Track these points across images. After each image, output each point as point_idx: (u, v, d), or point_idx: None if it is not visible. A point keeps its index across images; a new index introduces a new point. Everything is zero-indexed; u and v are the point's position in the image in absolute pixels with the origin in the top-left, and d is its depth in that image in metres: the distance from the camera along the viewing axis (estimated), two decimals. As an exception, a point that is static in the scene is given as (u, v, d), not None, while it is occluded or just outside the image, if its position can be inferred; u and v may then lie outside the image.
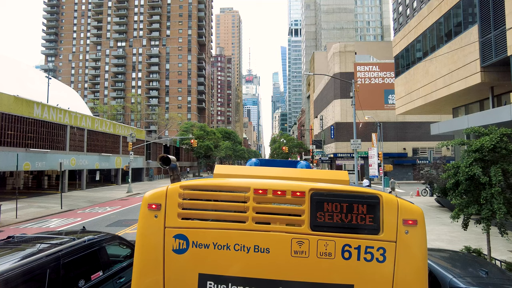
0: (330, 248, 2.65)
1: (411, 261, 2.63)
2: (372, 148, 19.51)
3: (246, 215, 2.75)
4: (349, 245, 2.65)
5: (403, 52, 22.70)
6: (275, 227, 2.74)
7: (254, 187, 2.78)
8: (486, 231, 7.66)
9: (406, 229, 2.67)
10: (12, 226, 15.45)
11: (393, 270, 2.61)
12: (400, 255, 2.64)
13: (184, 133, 63.99)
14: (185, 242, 2.74)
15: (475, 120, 14.84)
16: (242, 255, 2.68)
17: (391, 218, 2.68)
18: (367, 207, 2.68)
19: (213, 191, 2.89)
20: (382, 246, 2.64)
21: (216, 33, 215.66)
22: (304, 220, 2.71)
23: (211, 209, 2.84)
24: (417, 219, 2.69)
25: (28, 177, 36.66)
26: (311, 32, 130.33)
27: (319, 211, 2.70)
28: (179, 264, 2.72)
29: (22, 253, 4.24)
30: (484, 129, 8.02)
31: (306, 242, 2.68)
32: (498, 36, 13.33)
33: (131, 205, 23.02)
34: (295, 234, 2.69)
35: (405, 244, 2.65)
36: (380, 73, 47.68)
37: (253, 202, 2.76)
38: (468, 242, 11.40)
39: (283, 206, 2.83)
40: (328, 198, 2.72)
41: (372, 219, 2.68)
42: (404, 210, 2.70)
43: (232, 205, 2.80)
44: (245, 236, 2.71)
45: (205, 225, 2.77)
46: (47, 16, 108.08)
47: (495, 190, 6.92)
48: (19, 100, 24.32)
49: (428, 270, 4.81)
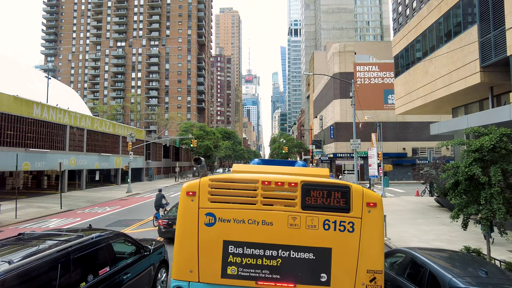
0: (315, 222, 3.81)
1: (372, 232, 3.76)
2: (371, 148, 19.50)
3: (256, 199, 3.92)
4: (328, 220, 3.80)
5: (403, 52, 22.70)
6: (277, 208, 3.92)
7: (261, 180, 3.95)
8: (485, 231, 7.67)
9: (368, 209, 3.79)
10: (11, 226, 15.43)
11: (359, 238, 3.75)
12: (364, 227, 3.76)
13: (183, 133, 63.95)
14: (213, 218, 3.90)
15: (475, 120, 14.84)
16: (253, 227, 3.84)
17: (358, 201, 3.80)
18: (341, 194, 3.81)
19: (233, 182, 4.01)
20: (351, 221, 3.78)
21: (216, 33, 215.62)
22: (297, 203, 3.87)
23: (231, 195, 3.96)
24: (376, 202, 3.82)
25: (27, 177, 36.63)
26: (310, 32, 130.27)
27: (307, 196, 3.86)
28: (209, 234, 3.89)
29: (33, 248, 4.38)
30: (483, 129, 8.02)
31: (298, 218, 3.84)
32: (498, 36, 13.33)
33: (130, 205, 23.00)
34: (290, 212, 3.86)
35: (368, 220, 3.77)
36: (380, 73, 47.68)
37: (261, 190, 3.93)
38: (467, 242, 11.40)
39: (282, 193, 3.95)
40: (314, 187, 3.87)
41: (344, 202, 3.80)
42: (367, 196, 3.83)
43: (246, 192, 3.95)
44: (255, 214, 3.87)
45: (228, 206, 3.93)
46: (47, 16, 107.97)
47: (495, 190, 6.92)
48: (19, 100, 24.29)
49: (427, 270, 4.82)
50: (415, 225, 15.35)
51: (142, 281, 6.23)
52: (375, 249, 3.73)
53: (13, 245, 4.62)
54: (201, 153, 61.68)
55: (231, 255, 3.81)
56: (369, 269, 3.70)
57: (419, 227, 14.87)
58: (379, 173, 25.46)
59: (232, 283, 3.79)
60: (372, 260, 3.71)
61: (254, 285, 3.79)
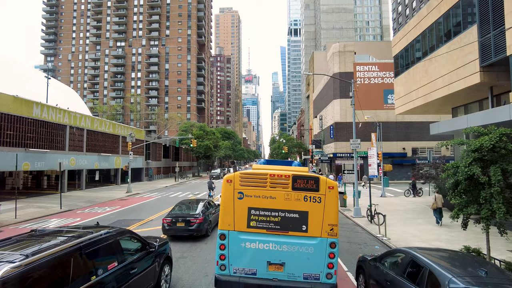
0: (299, 197, 6.16)
1: (331, 203, 6.11)
2: (371, 148, 19.47)
3: (266, 184, 6.29)
4: (306, 196, 6.15)
5: (403, 52, 22.69)
6: (278, 189, 6.25)
7: (269, 173, 6.34)
8: (485, 230, 7.66)
9: (329, 190, 6.15)
10: (11, 226, 15.41)
11: (324, 206, 6.10)
12: (327, 200, 6.11)
13: (183, 133, 63.84)
14: (242, 195, 6.28)
15: (475, 120, 14.83)
16: (264, 199, 6.22)
17: (323, 185, 6.16)
18: (314, 181, 6.19)
19: (253, 175, 6.39)
20: (319, 196, 6.13)
21: (216, 33, 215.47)
22: (289, 186, 6.21)
23: (252, 181, 6.34)
24: (333, 186, 6.18)
25: (27, 177, 36.60)
26: (310, 32, 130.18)
27: (295, 182, 6.20)
28: (240, 204, 6.27)
29: (47, 244, 4.65)
30: (483, 129, 8.01)
31: (290, 194, 6.19)
32: (497, 36, 13.32)
33: (130, 205, 22.99)
34: (285, 191, 6.21)
35: (328, 196, 6.13)
36: (380, 73, 47.65)
37: (269, 179, 6.29)
38: (467, 242, 11.40)
39: (281, 181, 6.28)
40: (299, 177, 6.22)
41: (315, 185, 6.16)
42: (328, 182, 6.20)
43: (260, 180, 6.32)
44: (266, 192, 6.24)
45: (250, 187, 6.30)
46: (47, 16, 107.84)
47: (495, 190, 6.91)
48: (18, 100, 24.27)
49: (427, 269, 4.82)
50: (415, 225, 15.35)
51: (148, 277, 6.49)
52: (333, 212, 6.18)
53: (27, 240, 4.82)
54: (201, 153, 61.59)
55: (252, 215, 6.29)
56: (329, 223, 6.14)
57: (419, 227, 14.87)
58: (379, 173, 25.44)
59: (252, 231, 6.28)
60: (331, 218, 6.15)
61: (265, 232, 6.26)
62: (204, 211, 13.05)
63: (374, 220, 16.01)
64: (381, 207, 19.16)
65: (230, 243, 6.37)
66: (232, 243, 6.35)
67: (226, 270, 6.39)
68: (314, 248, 6.14)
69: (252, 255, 6.29)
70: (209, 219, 13.27)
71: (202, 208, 13.08)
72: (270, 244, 6.26)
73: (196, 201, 14.79)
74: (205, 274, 8.63)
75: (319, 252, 6.13)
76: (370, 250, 11.45)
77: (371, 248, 11.73)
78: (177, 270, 8.91)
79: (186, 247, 11.40)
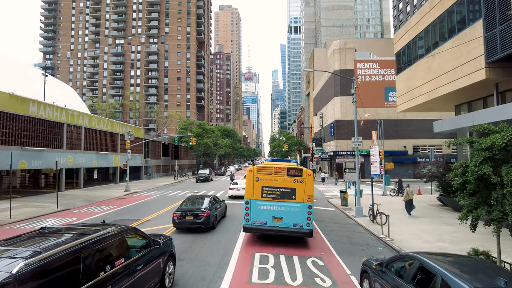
0: (290, 180, 11.21)
1: (309, 184, 11.16)
2: (373, 146, 19.11)
3: (272, 172, 11.36)
4: (295, 179, 11.19)
5: (405, 48, 22.29)
6: (279, 175, 11.31)
7: (274, 167, 11.47)
8: (496, 233, 7.31)
9: (308, 176, 11.21)
10: (5, 227, 15.07)
11: (305, 185, 11.14)
12: (306, 182, 11.17)
13: (183, 131, 63.39)
14: (258, 179, 11.36)
15: (481, 117, 14.47)
16: (271, 181, 11.31)
17: (305, 173, 11.21)
18: (299, 171, 11.23)
19: (265, 167, 11.52)
20: (302, 180, 11.17)
21: (215, 31, 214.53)
22: (285, 173, 11.25)
23: (264, 171, 11.42)
24: (311, 173, 11.25)
25: (24, 175, 36.22)
26: (310, 29, 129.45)
27: (288, 172, 11.25)
28: (257, 184, 11.37)
29: (57, 240, 4.80)
30: (494, 127, 7.65)
31: (285, 178, 11.24)
32: (504, 30, 12.93)
33: (128, 204, 22.65)
34: (283, 177, 11.27)
35: (307, 180, 11.19)
36: (380, 70, 47.22)
37: (274, 170, 11.37)
38: (471, 242, 11.07)
39: (280, 171, 11.32)
40: (291, 168, 11.29)
41: (300, 173, 11.20)
42: (308, 171, 11.26)
43: (268, 170, 11.40)
44: (272, 177, 11.33)
45: (263, 174, 11.41)
46: (45, 13, 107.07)
47: (507, 190, 6.57)
48: (14, 97, 23.88)
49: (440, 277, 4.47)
50: (418, 225, 15.02)
51: (152, 273, 6.69)
52: (310, 188, 11.04)
53: (38, 237, 4.97)
54: (201, 151, 61.25)
55: (264, 190, 11.17)
56: (308, 194, 11.00)
57: (421, 227, 14.54)
58: (381, 171, 25.10)
59: (264, 199, 11.15)
60: (309, 192, 11.02)
61: (271, 200, 11.11)
62: (210, 205, 14.14)
63: (376, 220, 15.70)
64: (382, 206, 18.85)
65: (251, 206, 11.28)
66: (252, 206, 11.27)
67: (249, 222, 11.28)
68: (299, 209, 10.98)
69: (264, 213, 11.15)
70: (215, 213, 14.49)
71: (208, 203, 14.22)
72: (274, 206, 11.14)
73: (202, 196, 15.74)
74: (207, 264, 8.29)
75: (302, 211, 10.94)
76: (373, 251, 11.13)
77: (374, 249, 11.41)
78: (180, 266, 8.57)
79: (191, 241, 11.06)
